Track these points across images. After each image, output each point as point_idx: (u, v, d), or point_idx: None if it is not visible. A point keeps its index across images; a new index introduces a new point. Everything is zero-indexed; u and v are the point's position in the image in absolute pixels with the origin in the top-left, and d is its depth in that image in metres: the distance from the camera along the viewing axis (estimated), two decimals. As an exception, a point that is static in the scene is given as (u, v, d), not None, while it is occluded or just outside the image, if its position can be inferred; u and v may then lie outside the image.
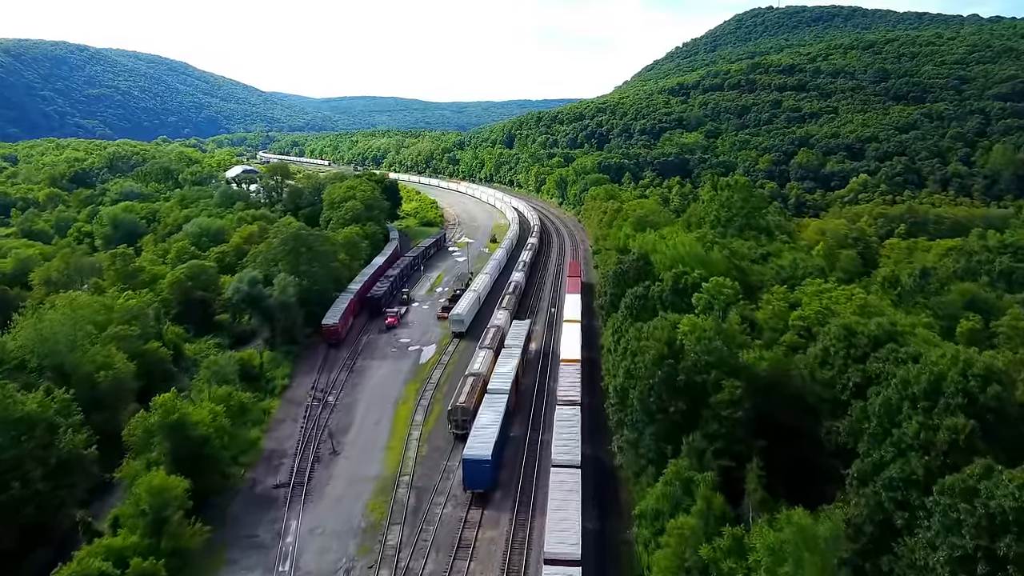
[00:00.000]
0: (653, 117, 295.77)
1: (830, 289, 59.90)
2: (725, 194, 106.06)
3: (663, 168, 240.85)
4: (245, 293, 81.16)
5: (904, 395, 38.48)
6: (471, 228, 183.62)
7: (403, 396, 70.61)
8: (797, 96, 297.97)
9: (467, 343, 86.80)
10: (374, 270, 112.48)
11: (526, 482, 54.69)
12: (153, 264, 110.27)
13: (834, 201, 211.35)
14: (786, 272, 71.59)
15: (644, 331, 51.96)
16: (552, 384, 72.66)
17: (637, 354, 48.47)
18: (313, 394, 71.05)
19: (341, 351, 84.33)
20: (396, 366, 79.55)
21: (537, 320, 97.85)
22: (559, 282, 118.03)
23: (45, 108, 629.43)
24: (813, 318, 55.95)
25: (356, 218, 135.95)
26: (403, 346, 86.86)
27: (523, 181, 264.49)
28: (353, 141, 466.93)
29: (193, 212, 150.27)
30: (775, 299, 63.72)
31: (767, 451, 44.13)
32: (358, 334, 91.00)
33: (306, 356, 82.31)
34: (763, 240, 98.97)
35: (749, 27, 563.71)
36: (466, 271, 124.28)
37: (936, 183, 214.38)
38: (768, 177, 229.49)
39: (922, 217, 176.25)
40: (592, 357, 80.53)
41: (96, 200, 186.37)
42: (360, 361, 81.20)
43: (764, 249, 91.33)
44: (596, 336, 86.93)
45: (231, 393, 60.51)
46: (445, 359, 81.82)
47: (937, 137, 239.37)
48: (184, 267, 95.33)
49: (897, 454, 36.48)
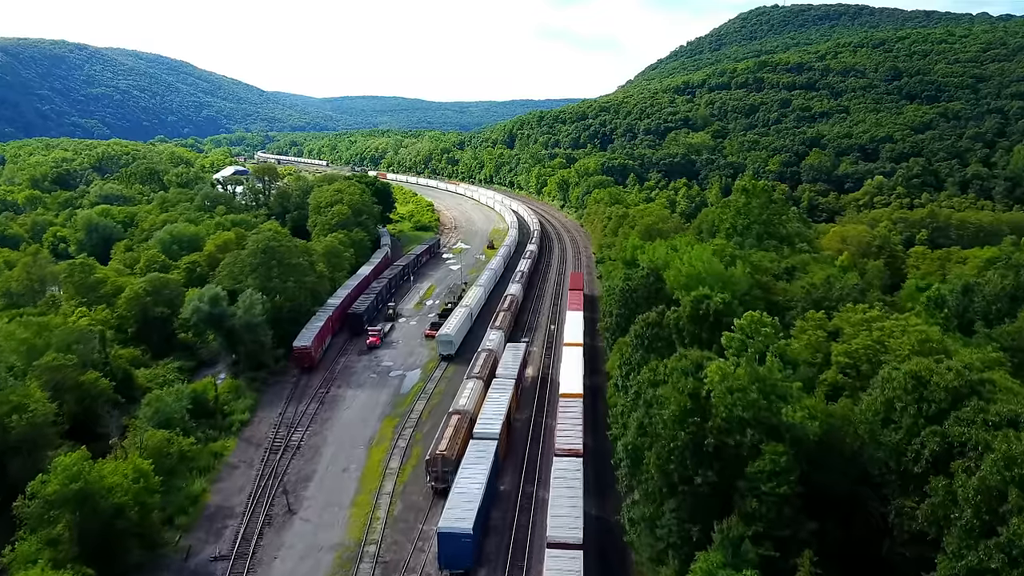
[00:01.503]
0: (658, 117, 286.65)
1: (878, 317, 50.50)
2: (742, 200, 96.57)
3: (669, 169, 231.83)
4: (205, 313, 71.89)
5: (1009, 478, 29.23)
6: (468, 233, 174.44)
7: (378, 435, 61.33)
8: (807, 95, 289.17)
9: (456, 367, 77.57)
10: (358, 281, 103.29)
11: (516, 554, 45.44)
12: (119, 275, 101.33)
13: (848, 204, 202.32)
14: (819, 292, 62.16)
15: (659, 371, 42.72)
16: (550, 420, 63.53)
17: (652, 405, 39.18)
18: (275, 432, 61.89)
19: (314, 377, 75.08)
20: (374, 396, 70.25)
21: (535, 339, 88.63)
22: (560, 295, 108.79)
23: (42, 107, 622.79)
24: (862, 355, 46.66)
25: (343, 224, 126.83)
26: (384, 371, 77.52)
27: (524, 183, 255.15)
28: (351, 141, 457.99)
29: (172, 216, 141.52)
30: (810, 327, 54.45)
31: (818, 533, 34.98)
32: (336, 356, 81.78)
33: (274, 384, 73.07)
34: (785, 251, 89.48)
35: (754, 25, 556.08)
36: (459, 282, 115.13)
37: (955, 185, 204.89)
38: (779, 179, 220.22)
39: (944, 222, 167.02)
40: (596, 384, 71.40)
41: (75, 203, 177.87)
42: (334, 389, 71.93)
43: (787, 262, 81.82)
44: (600, 358, 77.77)
45: (171, 438, 51.38)
46: (430, 387, 72.54)
47: (955, 138, 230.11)
48: (144, 281, 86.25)
49: (1007, 563, 27.23)
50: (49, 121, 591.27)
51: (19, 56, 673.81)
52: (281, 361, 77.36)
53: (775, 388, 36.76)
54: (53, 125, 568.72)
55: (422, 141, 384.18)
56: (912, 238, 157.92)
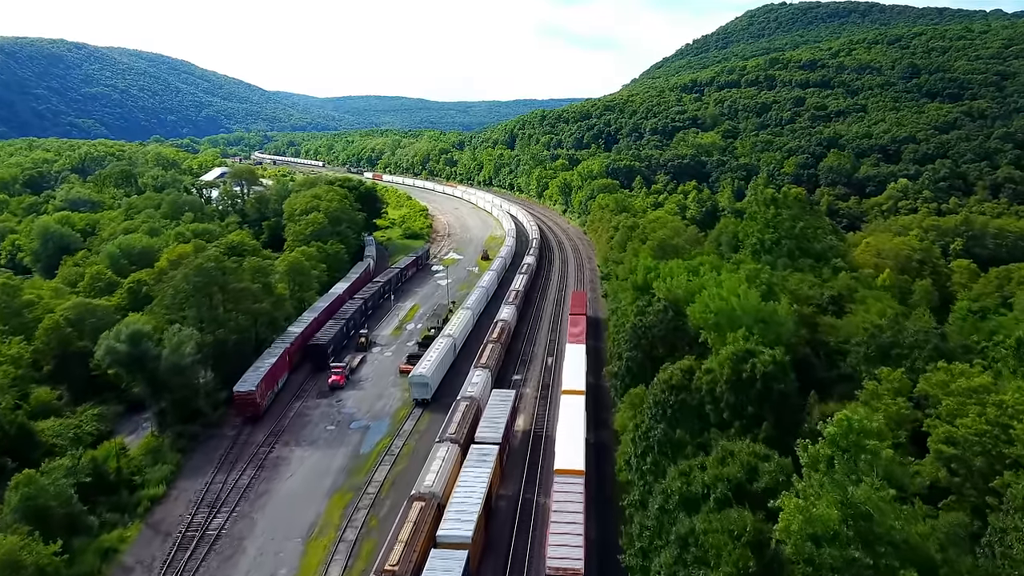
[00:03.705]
0: (665, 116, 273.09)
1: (988, 386, 36.94)
2: (771, 211, 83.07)
3: (677, 171, 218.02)
4: (123, 355, 58.64)
5: None
6: (462, 241, 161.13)
7: (322, 520, 47.95)
8: (821, 93, 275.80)
9: (432, 416, 64.31)
10: (329, 303, 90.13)
11: None
12: (58, 295, 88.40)
13: (871, 209, 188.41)
14: (886, 336, 48.59)
15: (694, 482, 29.42)
16: (543, 497, 50.24)
17: (690, 545, 25.83)
18: (193, 513, 48.66)
19: (259, 429, 61.83)
20: (326, 458, 56.92)
21: (529, 376, 75.20)
22: (559, 318, 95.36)
23: (38, 107, 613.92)
24: (975, 445, 33.23)
25: (318, 234, 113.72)
26: (345, 420, 64.15)
27: (524, 185, 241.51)
28: (348, 141, 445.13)
29: (133, 225, 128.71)
30: (886, 391, 40.99)
31: None
32: (291, 399, 68.51)
33: (208, 440, 59.86)
34: (824, 272, 75.92)
35: (762, 23, 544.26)
36: (446, 301, 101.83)
37: (986, 189, 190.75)
38: (795, 181, 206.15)
39: (980, 230, 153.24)
40: (603, 442, 58.13)
41: (40, 208, 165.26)
42: (279, 448, 58.64)
43: (829, 287, 68.22)
44: (607, 405, 64.43)
45: (27, 545, 38.08)
46: (397, 445, 59.18)
47: (982, 138, 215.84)
48: (69, 307, 73.19)
49: None
50: (45, 120, 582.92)
51: (15, 55, 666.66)
52: (221, 408, 64.25)
53: (888, 535, 23.30)
54: (49, 125, 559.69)
55: (420, 141, 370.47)
56: (946, 248, 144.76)
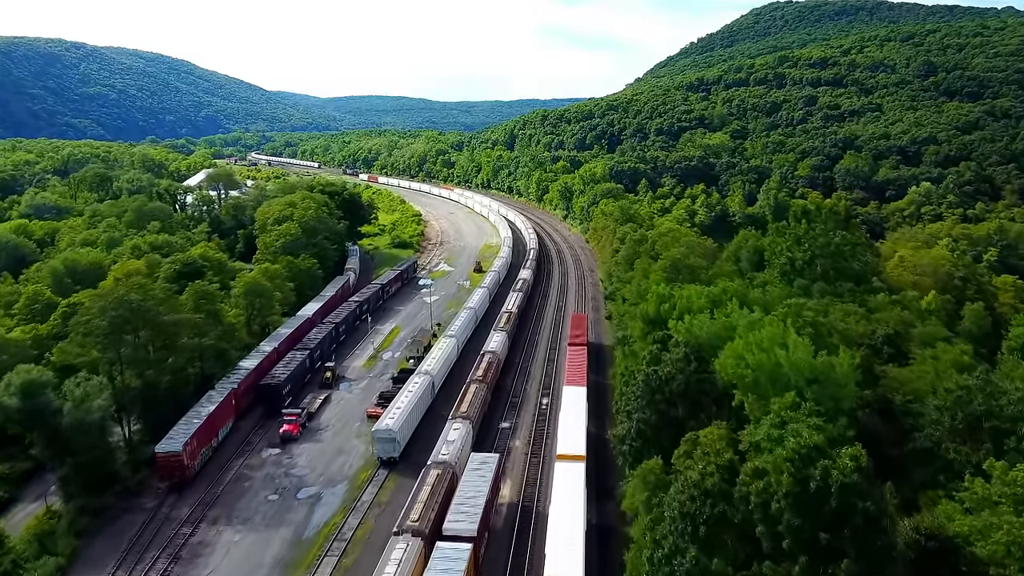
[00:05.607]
0: (671, 115, 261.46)
1: None
2: (802, 227, 71.57)
3: (684, 174, 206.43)
4: (13, 410, 47.30)
5: None
6: (454, 250, 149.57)
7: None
8: (834, 92, 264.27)
9: (399, 480, 52.84)
10: (293, 329, 78.70)
11: None
12: (-12, 319, 77.50)
13: (892, 215, 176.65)
14: (979, 406, 37.02)
15: None
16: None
17: None
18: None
19: (185, 500, 50.32)
20: (259, 545, 45.33)
21: (520, 424, 63.65)
22: (557, 348, 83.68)
23: (33, 107, 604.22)
24: None
25: (290, 247, 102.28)
26: (292, 487, 52.47)
27: (523, 188, 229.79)
28: (345, 142, 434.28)
29: (94, 235, 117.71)
30: (999, 495, 29.44)
31: None
32: (232, 456, 57.01)
33: (119, 516, 48.29)
34: (871, 301, 64.15)
35: (768, 22, 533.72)
36: (429, 325, 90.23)
37: (1015, 194, 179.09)
38: (810, 185, 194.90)
39: (1015, 238, 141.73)
40: (607, 527, 46.66)
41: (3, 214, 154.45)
42: (204, 529, 47.04)
43: (882, 323, 56.39)
44: (611, 466, 52.88)
45: None
46: (351, 525, 47.53)
47: (1007, 139, 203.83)
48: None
49: None
50: (40, 121, 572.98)
51: (11, 54, 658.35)
52: (144, 471, 52.83)
53: None
54: (44, 125, 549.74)
55: (417, 142, 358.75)
56: (978, 257, 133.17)
